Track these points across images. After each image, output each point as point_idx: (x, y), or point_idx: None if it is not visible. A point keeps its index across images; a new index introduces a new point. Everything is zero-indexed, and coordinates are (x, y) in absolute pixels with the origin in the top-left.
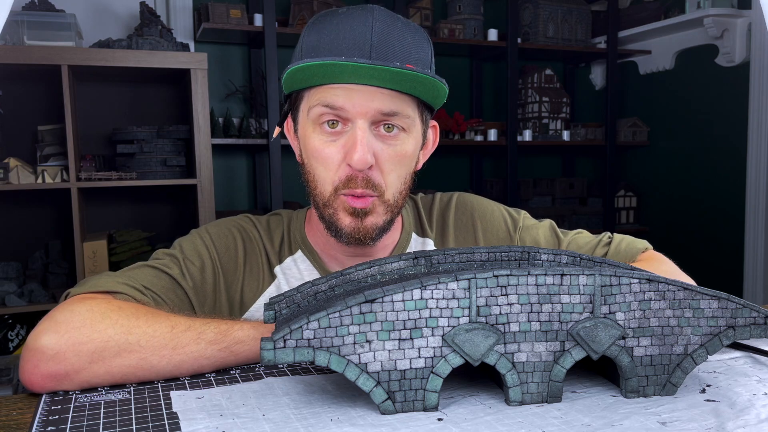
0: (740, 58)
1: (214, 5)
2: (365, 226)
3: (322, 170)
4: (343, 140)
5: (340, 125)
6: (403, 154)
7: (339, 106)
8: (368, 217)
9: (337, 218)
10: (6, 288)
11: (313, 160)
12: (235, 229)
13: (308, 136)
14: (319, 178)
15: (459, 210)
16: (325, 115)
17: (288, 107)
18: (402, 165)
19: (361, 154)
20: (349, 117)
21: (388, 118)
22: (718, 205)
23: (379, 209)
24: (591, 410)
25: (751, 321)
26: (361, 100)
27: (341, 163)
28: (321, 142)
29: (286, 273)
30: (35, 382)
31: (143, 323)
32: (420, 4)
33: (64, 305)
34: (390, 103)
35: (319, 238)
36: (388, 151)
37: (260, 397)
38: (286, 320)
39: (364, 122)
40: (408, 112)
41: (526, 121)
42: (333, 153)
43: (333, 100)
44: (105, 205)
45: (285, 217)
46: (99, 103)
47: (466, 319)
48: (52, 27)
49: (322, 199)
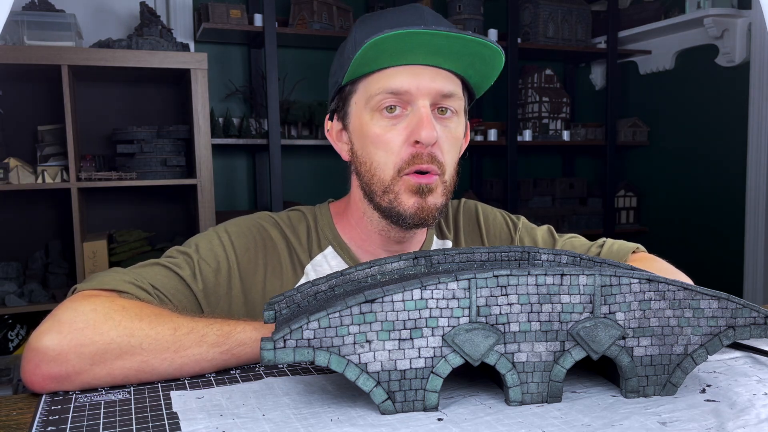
0: (740, 58)
1: (214, 5)
2: (428, 205)
3: (383, 155)
4: (404, 123)
5: (398, 109)
6: (456, 136)
7: (405, 89)
8: (429, 196)
9: (399, 202)
10: (6, 288)
11: (372, 147)
12: (255, 228)
13: (366, 124)
14: (380, 164)
15: (466, 214)
16: (388, 100)
17: (336, 104)
18: (455, 147)
19: (429, 130)
20: (410, 100)
21: (447, 99)
22: (718, 205)
23: (439, 189)
24: (591, 410)
25: (751, 321)
26: (424, 81)
27: (403, 144)
28: (382, 127)
29: (317, 270)
30: (36, 383)
31: (146, 325)
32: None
33: (68, 303)
34: (449, 85)
35: (356, 233)
36: (445, 132)
37: (260, 397)
38: (286, 320)
39: (427, 102)
40: (460, 95)
41: (526, 121)
42: (394, 136)
43: (398, 84)
44: (105, 205)
45: (307, 213)
46: (99, 103)
47: (466, 319)
48: (52, 27)
49: (382, 185)
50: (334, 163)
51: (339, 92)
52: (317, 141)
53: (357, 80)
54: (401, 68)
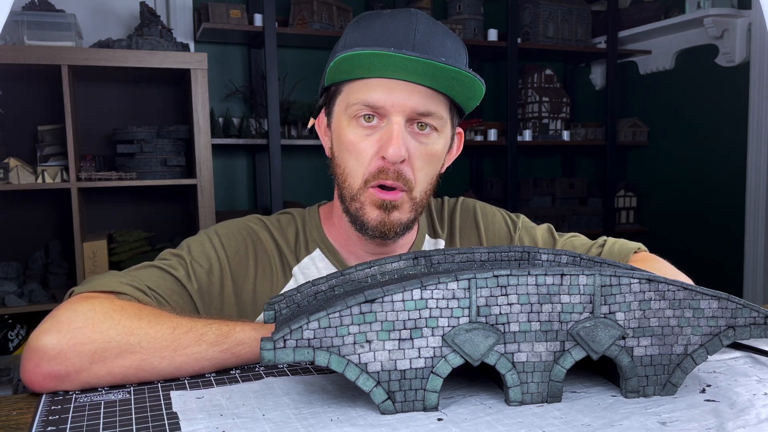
0: (740, 58)
1: (214, 5)
2: (391, 221)
3: (354, 162)
4: (378, 135)
5: (375, 120)
6: (433, 153)
7: (379, 105)
8: (394, 212)
9: (363, 212)
10: (6, 288)
11: (346, 152)
12: (245, 230)
13: (343, 129)
14: (350, 171)
15: (464, 213)
16: (363, 111)
17: (323, 101)
18: (431, 164)
19: (396, 148)
20: (386, 113)
21: (423, 117)
22: (718, 205)
23: (405, 206)
24: (591, 410)
25: (751, 321)
26: (399, 98)
27: (374, 157)
28: (356, 135)
29: (304, 272)
30: (36, 382)
31: (145, 324)
32: (420, 4)
33: (67, 304)
34: (426, 103)
35: (340, 235)
36: (420, 148)
37: (260, 397)
38: (286, 320)
39: (401, 118)
40: (441, 113)
41: (526, 121)
42: (367, 146)
43: (373, 98)
44: (105, 205)
45: (297, 215)
46: (99, 103)
47: (466, 319)
48: (52, 27)
49: (350, 192)
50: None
51: (326, 89)
52: (317, 141)
53: (342, 83)
54: (379, 81)
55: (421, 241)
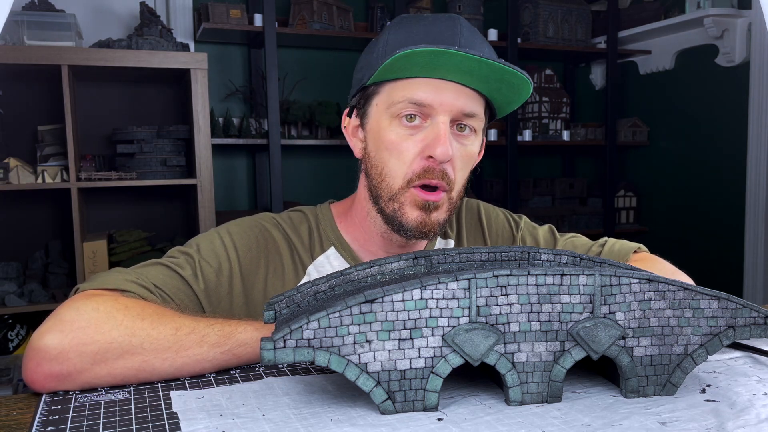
0: (740, 58)
1: (214, 5)
2: (431, 221)
3: (396, 162)
4: (422, 135)
5: (418, 120)
6: (471, 154)
7: (427, 103)
8: (435, 212)
9: (402, 212)
10: (6, 288)
11: (386, 152)
12: (257, 229)
13: (383, 129)
14: (391, 171)
15: (468, 213)
16: (408, 109)
17: (357, 100)
18: (468, 165)
19: (445, 148)
20: (431, 113)
21: (467, 118)
22: (718, 205)
23: (444, 206)
24: (591, 410)
25: (751, 321)
26: (448, 98)
27: (417, 156)
28: (398, 135)
29: (319, 270)
30: (37, 381)
31: (148, 325)
32: (420, 4)
33: (71, 303)
34: (472, 104)
35: (360, 234)
36: (461, 149)
37: (260, 397)
38: (286, 320)
39: (446, 118)
40: (481, 115)
41: (526, 121)
42: (410, 146)
43: (421, 96)
44: (105, 205)
45: (308, 213)
46: (99, 103)
47: (466, 319)
48: (52, 27)
49: (389, 193)
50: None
51: (362, 90)
52: (317, 141)
53: (382, 83)
54: (427, 80)
55: (433, 243)
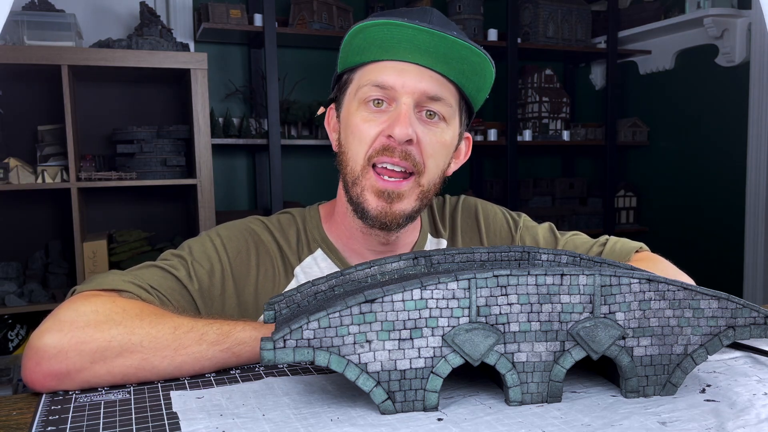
0: (740, 58)
1: (214, 5)
2: (392, 211)
3: (357, 144)
4: (385, 116)
5: (384, 104)
6: (443, 141)
7: (390, 84)
8: (398, 202)
9: (364, 198)
10: (6, 288)
11: (350, 136)
12: (247, 232)
13: (351, 114)
14: (353, 154)
15: (465, 212)
16: (373, 93)
17: (335, 93)
18: (440, 152)
19: (403, 127)
20: (395, 96)
21: (432, 102)
22: (718, 205)
23: (412, 194)
24: (591, 410)
25: (751, 321)
26: (410, 79)
27: (378, 136)
28: (362, 118)
29: (306, 272)
30: (37, 381)
31: (146, 324)
32: (420, 4)
33: (69, 303)
34: (437, 88)
35: (342, 233)
36: (429, 135)
37: (260, 397)
38: (286, 320)
39: (409, 100)
40: (450, 101)
41: (526, 121)
42: (371, 128)
43: (384, 79)
44: (105, 205)
45: (297, 215)
46: (99, 103)
47: (466, 319)
48: (52, 27)
49: (352, 177)
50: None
51: (338, 81)
52: (317, 141)
53: (353, 71)
54: (390, 63)
55: (423, 240)
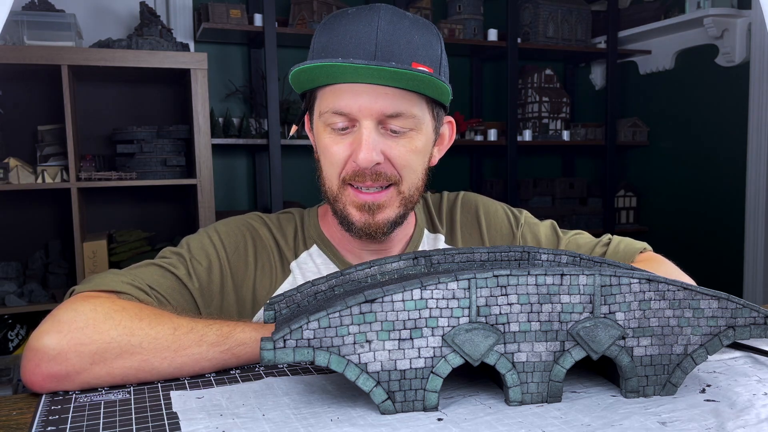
0: (740, 58)
1: (214, 5)
2: (376, 221)
3: (329, 166)
4: (350, 139)
5: (348, 128)
6: (414, 149)
7: (346, 111)
8: (380, 212)
9: (347, 212)
10: (6, 288)
11: (322, 156)
12: (245, 227)
13: (319, 134)
14: (327, 175)
15: (465, 208)
16: (334, 118)
17: (305, 107)
18: (414, 159)
19: (366, 153)
20: (356, 118)
21: (392, 119)
22: (718, 205)
23: (393, 202)
24: (591, 410)
25: (751, 321)
26: (365, 102)
27: (348, 159)
28: (331, 141)
29: (302, 268)
30: (36, 382)
31: (146, 325)
32: (420, 4)
33: (68, 304)
34: (395, 104)
35: (335, 232)
36: (397, 148)
37: (260, 397)
38: (286, 320)
39: (369, 122)
40: (414, 112)
41: (526, 121)
42: (340, 150)
43: (340, 104)
44: (105, 205)
45: (296, 214)
46: (99, 103)
47: (466, 319)
48: (52, 27)
49: (332, 194)
50: None
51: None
52: None
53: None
54: (349, 86)
55: (419, 236)
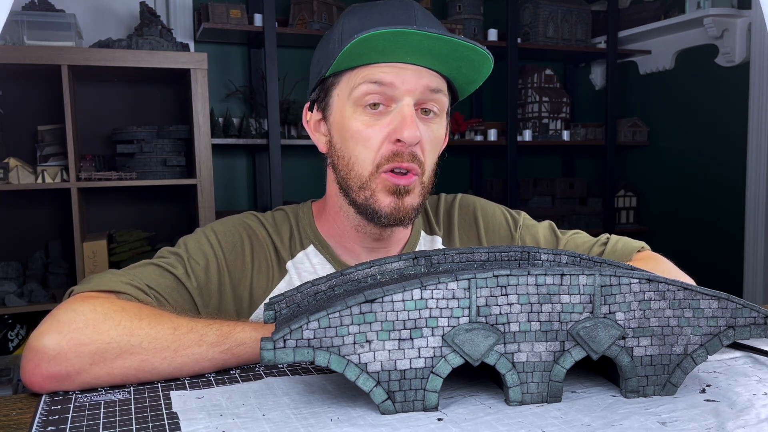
0: (740, 58)
1: (214, 5)
2: (404, 206)
3: (363, 150)
4: (387, 119)
5: (382, 106)
6: (438, 137)
7: (388, 81)
8: (407, 196)
9: (375, 199)
10: (6, 288)
11: (352, 141)
12: (241, 227)
13: (347, 118)
14: (359, 160)
15: (462, 210)
16: (371, 95)
17: (318, 94)
18: (435, 149)
19: (413, 130)
20: (395, 95)
21: (432, 95)
22: (718, 205)
23: (416, 190)
24: (591, 410)
25: (751, 321)
26: (410, 78)
27: (384, 142)
28: (363, 123)
29: (298, 268)
30: (36, 383)
31: (146, 325)
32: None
33: (67, 304)
34: (435, 82)
35: (334, 231)
36: (428, 132)
37: (260, 397)
38: (286, 320)
39: (411, 99)
40: (446, 93)
41: (526, 121)
42: (376, 132)
43: (382, 76)
44: (105, 205)
45: (290, 212)
46: (99, 103)
47: (466, 319)
48: (52, 27)
49: (359, 181)
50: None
51: (321, 83)
52: None
53: (340, 72)
54: (386, 64)
55: (416, 237)
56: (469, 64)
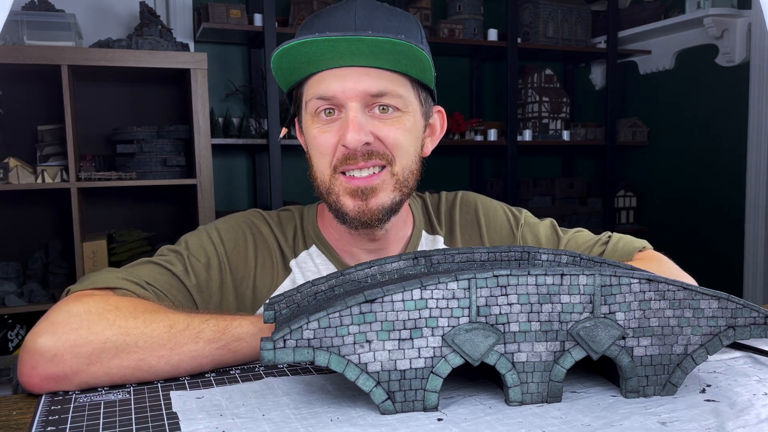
0: (740, 58)
1: (214, 5)
2: (370, 208)
3: (320, 157)
4: (338, 125)
5: (336, 112)
6: (403, 128)
7: (330, 94)
8: (373, 197)
9: (341, 203)
10: (6, 288)
11: (312, 149)
12: (245, 224)
13: (308, 128)
14: (318, 166)
15: (464, 208)
16: (321, 105)
17: (293, 109)
18: (406, 138)
19: (354, 133)
20: (341, 103)
21: (378, 98)
22: (718, 205)
23: (387, 186)
24: (591, 410)
25: (751, 321)
26: (349, 83)
27: (337, 146)
28: (318, 130)
29: (301, 267)
30: (34, 384)
31: (141, 323)
32: (420, 4)
33: (61, 305)
34: (378, 84)
35: (333, 233)
36: (386, 128)
37: (260, 397)
38: (286, 320)
39: (356, 104)
40: (400, 92)
41: (526, 121)
42: (328, 138)
43: (324, 89)
44: (105, 205)
45: (296, 212)
46: (99, 103)
47: (466, 319)
48: (52, 27)
49: (324, 187)
50: None
51: (291, 97)
52: None
53: (301, 84)
54: (331, 72)
55: (417, 237)
56: (403, 56)
